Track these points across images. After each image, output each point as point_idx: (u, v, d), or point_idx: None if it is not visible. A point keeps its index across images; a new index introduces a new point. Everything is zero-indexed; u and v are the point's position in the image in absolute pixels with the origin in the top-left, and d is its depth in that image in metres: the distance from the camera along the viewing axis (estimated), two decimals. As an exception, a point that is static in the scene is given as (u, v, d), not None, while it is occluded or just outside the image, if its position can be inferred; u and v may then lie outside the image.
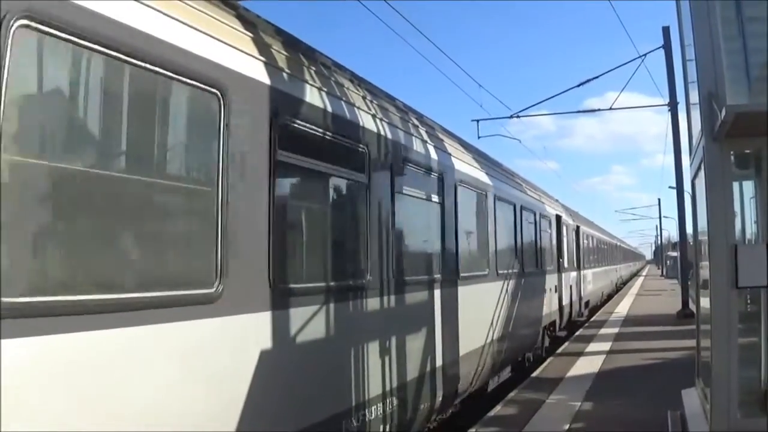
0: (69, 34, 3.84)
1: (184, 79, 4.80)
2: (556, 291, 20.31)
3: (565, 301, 22.19)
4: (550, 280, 19.51)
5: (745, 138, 6.50)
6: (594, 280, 33.09)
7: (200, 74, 4.93)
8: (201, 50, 4.98)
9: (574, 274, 25.10)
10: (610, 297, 42.56)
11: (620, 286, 56.47)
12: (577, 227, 26.96)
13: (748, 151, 6.95)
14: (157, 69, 4.52)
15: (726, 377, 6.36)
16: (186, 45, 4.80)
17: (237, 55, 5.50)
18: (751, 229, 7.36)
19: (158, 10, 4.60)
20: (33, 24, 3.61)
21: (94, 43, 4.01)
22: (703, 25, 6.52)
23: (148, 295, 4.38)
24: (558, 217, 21.67)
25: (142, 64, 4.39)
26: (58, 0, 3.77)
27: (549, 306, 19.03)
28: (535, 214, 17.47)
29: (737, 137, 6.41)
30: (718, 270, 6.48)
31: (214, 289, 4.96)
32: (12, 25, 3.48)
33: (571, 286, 23.77)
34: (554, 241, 20.68)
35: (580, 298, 26.47)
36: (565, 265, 22.74)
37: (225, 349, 5.11)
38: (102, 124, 4.34)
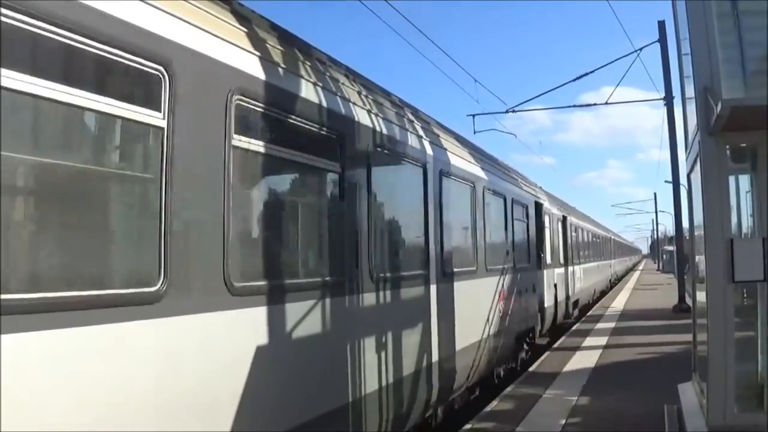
0: None
1: (123, 53, 4.29)
2: (535, 291, 17.51)
3: (548, 303, 19.57)
4: (526, 279, 16.44)
5: (741, 132, 6.50)
6: (585, 277, 30.35)
7: (140, 47, 4.41)
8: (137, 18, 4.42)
9: (560, 270, 22.64)
10: (603, 294, 40.40)
11: (615, 282, 53.67)
12: (564, 217, 24.57)
13: (743, 145, 6.94)
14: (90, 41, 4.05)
15: (722, 371, 6.36)
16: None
17: (182, 26, 4.92)
18: (747, 223, 7.36)
19: None
20: None
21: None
22: (699, 19, 6.50)
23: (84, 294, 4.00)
24: (538, 205, 18.92)
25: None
26: None
27: (525, 310, 16.15)
28: (505, 200, 14.58)
29: (733, 131, 6.41)
30: (714, 264, 6.48)
31: (157, 288, 4.49)
32: None
33: (555, 285, 21.22)
34: (532, 233, 17.61)
35: (568, 298, 24.05)
36: (548, 260, 20.05)
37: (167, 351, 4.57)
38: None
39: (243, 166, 5.60)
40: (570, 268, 25.17)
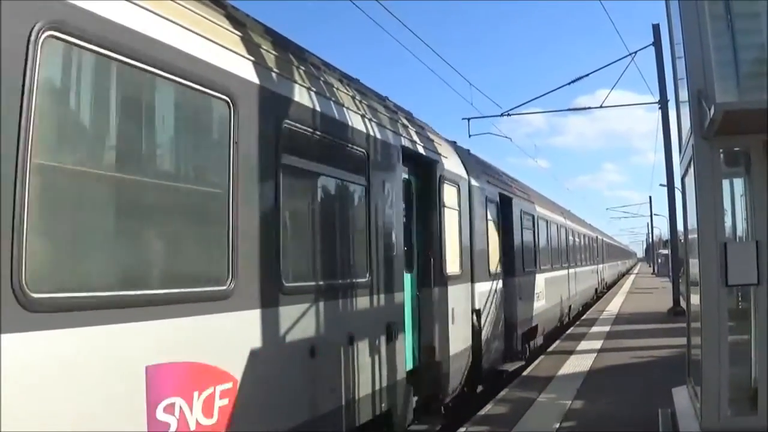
0: None
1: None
2: (453, 321, 11.02)
3: (485, 335, 13.08)
4: (442, 300, 10.63)
5: (735, 135, 6.50)
6: (556, 289, 23.04)
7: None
8: None
9: (519, 280, 16.66)
10: (586, 308, 32.84)
11: (603, 292, 44.16)
12: (506, 199, 16.30)
13: (737, 149, 6.94)
14: None
15: (716, 375, 6.36)
16: None
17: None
18: (741, 227, 7.35)
19: None
20: None
21: None
22: (692, 22, 6.50)
23: None
24: (469, 186, 12.69)
25: None
26: None
27: (427, 352, 10.31)
28: (388, 173, 8.92)
29: (726, 135, 6.41)
30: (707, 268, 6.47)
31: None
32: None
33: (497, 305, 14.43)
34: (455, 227, 11.63)
35: (529, 321, 17.93)
36: (491, 268, 13.89)
37: None
38: None
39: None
40: (537, 277, 19.63)
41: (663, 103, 27.23)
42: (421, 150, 10.29)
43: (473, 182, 13.09)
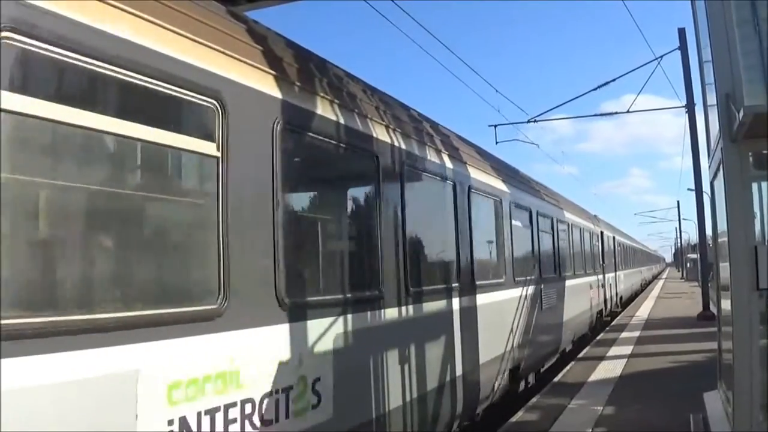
0: None
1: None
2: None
3: None
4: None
5: (764, 138, 6.47)
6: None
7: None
8: None
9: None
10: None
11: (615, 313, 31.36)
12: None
13: (766, 152, 6.91)
14: None
15: (748, 379, 6.33)
16: None
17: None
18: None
19: None
20: None
21: None
22: (719, 26, 6.50)
23: None
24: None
25: None
26: None
27: None
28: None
29: (755, 138, 6.38)
30: (738, 272, 6.45)
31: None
32: None
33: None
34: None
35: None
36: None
37: None
38: None
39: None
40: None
41: (690, 108, 27.07)
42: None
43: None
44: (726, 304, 7.27)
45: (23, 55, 3.70)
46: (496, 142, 27.73)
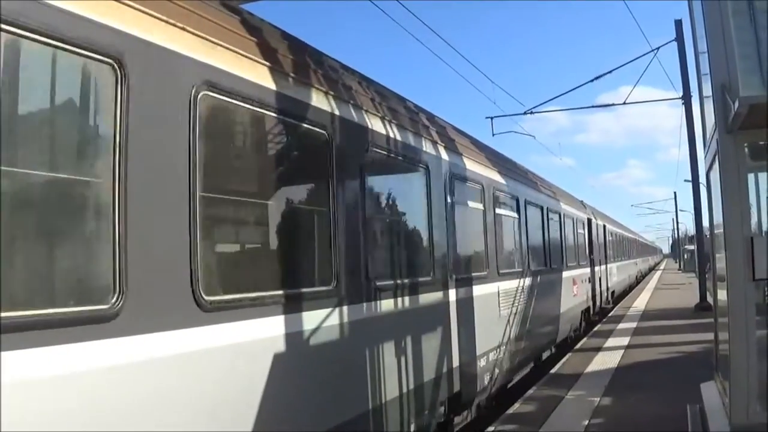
0: None
1: None
2: None
3: None
4: None
5: (759, 129, 6.47)
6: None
7: None
8: None
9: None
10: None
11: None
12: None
13: (762, 143, 6.92)
14: None
15: (744, 370, 6.34)
16: None
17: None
18: (766, 221, 7.32)
19: None
20: None
21: None
22: (715, 17, 6.49)
23: None
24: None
25: None
26: None
27: None
28: None
29: (751, 129, 6.38)
30: (734, 262, 6.46)
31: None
32: None
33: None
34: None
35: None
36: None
37: None
38: None
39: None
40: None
41: (686, 99, 27.08)
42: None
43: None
44: (722, 295, 7.29)
45: None
46: (493, 134, 27.67)
